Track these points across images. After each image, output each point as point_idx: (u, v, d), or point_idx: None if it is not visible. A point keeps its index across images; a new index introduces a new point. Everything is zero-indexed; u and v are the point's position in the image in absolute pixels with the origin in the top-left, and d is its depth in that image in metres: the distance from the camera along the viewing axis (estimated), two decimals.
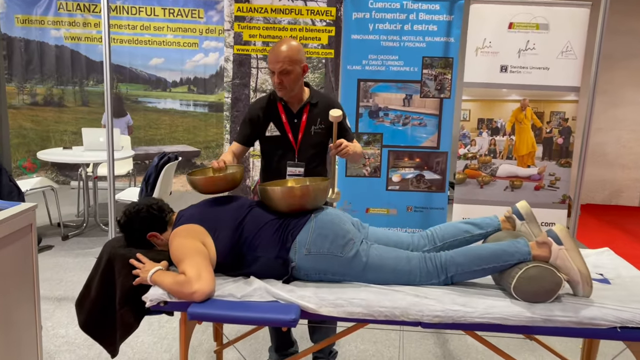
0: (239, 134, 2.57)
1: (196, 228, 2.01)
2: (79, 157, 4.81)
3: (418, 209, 4.04)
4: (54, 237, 4.82)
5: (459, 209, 4.01)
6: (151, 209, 2.10)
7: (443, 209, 4.04)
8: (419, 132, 3.96)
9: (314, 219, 2.03)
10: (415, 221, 4.05)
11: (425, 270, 1.97)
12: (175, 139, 6.73)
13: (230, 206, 2.11)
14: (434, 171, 4.01)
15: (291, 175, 2.49)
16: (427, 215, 4.03)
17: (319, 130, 2.51)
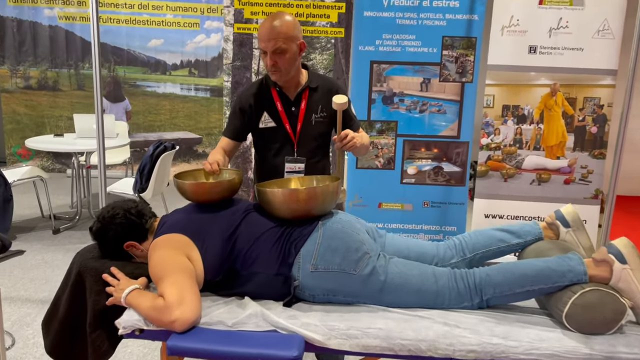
0: (228, 127, 2.24)
1: (180, 238, 1.68)
2: (71, 145, 4.50)
3: (435, 204, 3.70)
4: (45, 230, 4.52)
5: (480, 204, 3.66)
6: (129, 214, 1.77)
7: (463, 204, 3.69)
8: (437, 119, 3.61)
9: (322, 228, 1.69)
10: (432, 217, 3.71)
11: (455, 291, 1.63)
12: (176, 125, 6.40)
13: (223, 212, 1.78)
14: (453, 163, 3.66)
15: (290, 172, 2.15)
16: (446, 211, 3.69)
17: (320, 119, 2.17)
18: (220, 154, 2.12)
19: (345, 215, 1.81)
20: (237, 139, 2.21)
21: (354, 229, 1.71)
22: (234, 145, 2.23)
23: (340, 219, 1.75)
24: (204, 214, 1.77)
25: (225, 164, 2.08)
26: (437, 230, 3.70)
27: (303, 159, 2.16)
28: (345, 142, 1.97)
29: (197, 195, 1.81)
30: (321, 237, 1.66)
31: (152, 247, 1.67)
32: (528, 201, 3.63)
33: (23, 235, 4.42)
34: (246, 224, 1.74)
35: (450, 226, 3.70)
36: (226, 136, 2.22)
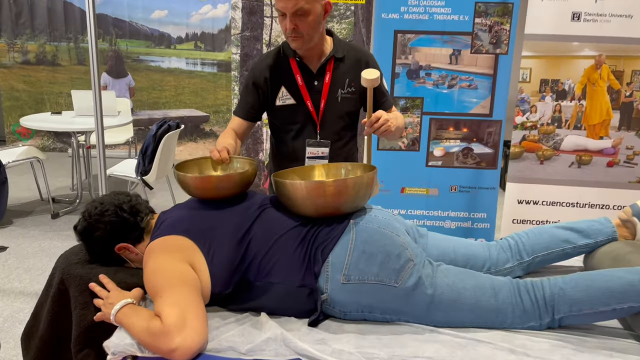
0: (240, 105, 1.92)
1: (181, 241, 1.38)
2: (69, 124, 4.21)
3: (464, 188, 3.37)
4: (43, 215, 4.26)
5: (513, 189, 3.35)
6: (120, 211, 1.47)
7: (494, 188, 3.37)
8: (468, 95, 3.26)
9: (354, 228, 1.39)
10: (460, 203, 3.40)
11: (520, 307, 1.33)
12: (181, 102, 6.07)
13: (233, 208, 1.48)
14: (484, 144, 3.32)
15: (312, 157, 1.84)
16: (475, 196, 3.37)
17: (347, 94, 1.85)
18: (230, 137, 1.82)
19: (380, 211, 1.50)
20: (250, 118, 1.90)
21: (392, 229, 1.41)
22: (247, 126, 1.92)
23: (375, 217, 1.44)
24: (211, 210, 1.47)
25: (236, 150, 1.77)
26: (465, 217, 3.39)
27: (327, 142, 1.85)
28: (377, 127, 1.65)
29: (202, 191, 1.51)
30: (354, 240, 1.36)
31: (147, 252, 1.38)
32: (566, 185, 3.31)
33: (20, 219, 4.15)
34: (261, 223, 1.43)
35: (480, 213, 3.39)
36: (238, 116, 1.91)
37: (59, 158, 5.97)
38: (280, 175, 1.60)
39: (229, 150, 1.66)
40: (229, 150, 1.67)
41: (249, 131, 1.96)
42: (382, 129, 1.66)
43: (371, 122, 1.65)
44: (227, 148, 1.66)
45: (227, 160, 1.63)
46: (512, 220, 3.36)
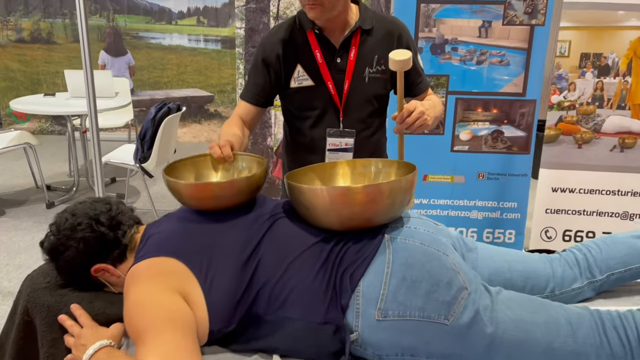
0: (248, 87, 1.62)
1: (172, 266, 1.09)
2: (62, 106, 3.92)
3: (493, 175, 3.06)
4: (38, 204, 4.00)
5: (547, 176, 3.04)
6: (97, 224, 1.18)
7: (526, 175, 3.06)
8: (499, 72, 2.93)
9: (391, 246, 1.09)
10: (488, 192, 3.09)
11: (607, 350, 1.04)
12: (184, 81, 5.75)
13: (236, 220, 1.19)
14: (516, 126, 3.00)
15: (334, 150, 1.54)
16: (505, 184, 3.06)
17: (376, 74, 1.55)
18: (236, 126, 1.52)
19: (420, 221, 1.20)
20: (259, 103, 1.61)
21: (439, 245, 1.11)
22: (256, 113, 1.62)
23: (416, 230, 1.14)
24: (209, 224, 1.18)
25: (242, 143, 1.47)
26: (493, 207, 3.09)
27: (352, 131, 1.55)
28: (410, 122, 1.34)
29: (198, 201, 1.22)
30: (391, 263, 1.07)
31: (128, 280, 1.09)
32: (607, 172, 3.00)
33: (13, 209, 3.89)
34: (272, 240, 1.14)
35: (510, 202, 3.08)
36: (245, 100, 1.62)
37: (57, 142, 5.70)
38: (294, 177, 1.30)
39: (233, 145, 1.36)
40: (233, 145, 1.37)
41: (258, 118, 1.66)
42: (417, 124, 1.36)
43: (402, 116, 1.34)
44: (230, 142, 1.36)
45: (230, 159, 1.34)
46: (546, 210, 3.06)
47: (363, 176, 1.33)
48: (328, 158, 1.58)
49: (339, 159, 1.58)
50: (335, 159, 1.57)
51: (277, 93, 1.63)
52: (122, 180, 4.43)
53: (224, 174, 1.37)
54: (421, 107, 1.36)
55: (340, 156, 1.57)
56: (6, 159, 4.94)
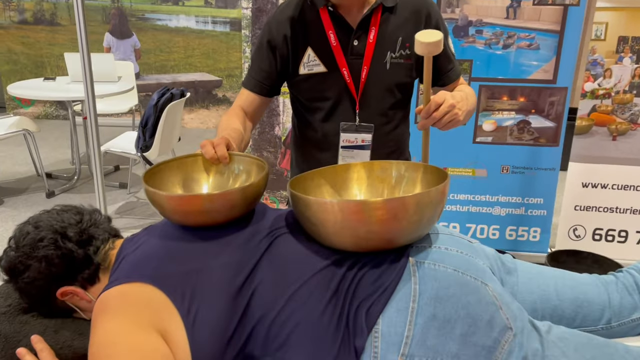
0: (251, 74, 1.42)
1: (148, 294, 0.90)
2: (62, 91, 3.74)
3: (518, 169, 2.84)
4: (38, 193, 3.84)
5: (577, 170, 2.81)
6: (63, 239, 0.99)
7: (554, 169, 2.82)
8: (527, 57, 2.70)
9: (417, 273, 0.89)
10: (513, 187, 2.87)
11: None
12: (192, 65, 5.54)
13: (229, 238, 0.99)
14: (545, 116, 2.76)
15: (348, 147, 1.34)
16: (531, 178, 2.84)
17: (400, 59, 1.34)
18: (237, 119, 1.32)
19: (451, 238, 0.99)
20: (264, 92, 1.41)
21: (475, 271, 0.90)
22: (260, 103, 1.43)
23: (446, 252, 0.94)
24: (195, 242, 0.99)
25: (242, 141, 1.27)
26: (517, 203, 2.87)
27: (370, 126, 1.34)
28: (438, 117, 1.13)
29: (184, 215, 1.02)
30: (417, 296, 0.86)
31: (96, 310, 0.90)
32: None
33: (12, 199, 3.74)
34: (271, 264, 0.94)
35: (536, 198, 2.86)
36: (248, 88, 1.42)
37: (61, 127, 5.53)
38: (300, 183, 1.09)
39: (229, 144, 1.16)
40: (230, 144, 1.16)
41: (263, 109, 1.46)
42: (445, 119, 1.15)
43: (429, 110, 1.13)
44: (226, 140, 1.16)
45: (226, 160, 1.13)
46: (575, 207, 2.83)
47: (382, 182, 1.12)
48: (341, 156, 1.38)
49: (354, 158, 1.37)
50: (350, 157, 1.36)
51: (285, 80, 1.42)
52: (126, 169, 4.25)
53: (217, 180, 1.17)
54: (451, 100, 1.15)
55: (355, 154, 1.36)
56: (8, 144, 4.79)
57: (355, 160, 1.36)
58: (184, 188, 1.16)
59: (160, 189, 1.10)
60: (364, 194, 1.12)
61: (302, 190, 1.07)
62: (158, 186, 1.11)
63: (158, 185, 1.11)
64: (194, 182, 1.17)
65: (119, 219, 3.45)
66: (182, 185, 1.16)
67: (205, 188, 1.17)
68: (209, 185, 1.17)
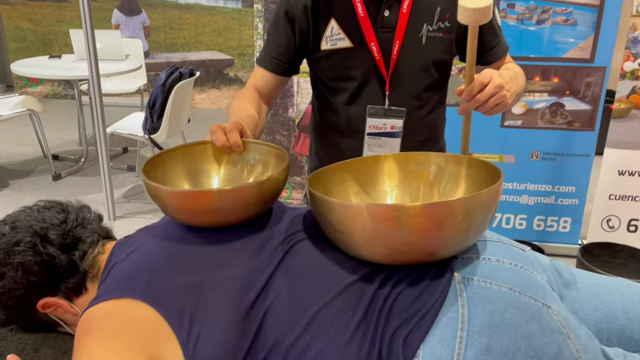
0: (266, 50, 1.27)
1: (139, 314, 0.76)
2: (66, 70, 3.59)
3: (548, 155, 2.65)
4: (44, 175, 3.72)
5: (613, 156, 2.61)
6: (43, 243, 0.85)
7: (588, 156, 2.63)
8: (563, 34, 2.49)
9: (464, 293, 0.73)
10: (542, 174, 2.69)
11: None
12: (202, 43, 5.36)
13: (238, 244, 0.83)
14: (580, 98, 2.56)
15: (374, 134, 1.18)
16: (562, 165, 2.65)
17: (438, 32, 1.18)
18: (250, 102, 1.16)
19: (500, 246, 0.83)
20: (281, 71, 1.25)
21: (535, 289, 0.75)
22: (277, 83, 1.27)
23: (498, 265, 0.78)
24: (199, 248, 0.83)
25: (256, 127, 1.11)
26: (547, 192, 2.69)
27: (401, 110, 1.18)
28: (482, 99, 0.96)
29: (188, 214, 0.87)
30: (467, 322, 0.71)
31: (80, 329, 0.76)
32: None
33: (18, 181, 3.62)
34: (288, 277, 0.79)
35: (567, 186, 2.68)
36: (262, 66, 1.26)
37: (70, 106, 5.39)
38: (320, 180, 0.92)
39: (243, 130, 1.00)
40: (244, 130, 1.00)
41: (279, 90, 1.29)
42: (491, 102, 0.98)
43: (472, 91, 0.96)
44: (240, 126, 0.99)
45: (239, 149, 0.97)
46: (609, 196, 2.64)
47: (417, 178, 0.96)
48: (367, 145, 1.21)
49: (382, 147, 1.20)
50: (377, 146, 1.20)
51: (304, 57, 1.26)
52: (135, 151, 4.12)
53: (229, 172, 1.01)
54: (499, 79, 0.98)
55: (383, 143, 1.20)
56: (14, 124, 4.67)
57: (384, 149, 1.19)
58: (191, 181, 1.01)
59: (162, 182, 0.95)
60: (396, 193, 0.96)
61: (323, 188, 0.91)
62: (160, 179, 0.95)
63: (160, 178, 0.96)
64: (202, 174, 1.01)
65: (126, 203, 3.32)
66: (188, 177, 1.01)
67: (215, 181, 1.02)
68: (219, 177, 1.02)
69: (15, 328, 0.90)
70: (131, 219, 3.12)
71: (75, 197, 3.44)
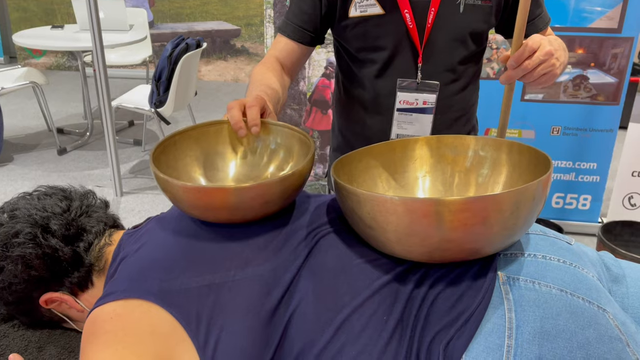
0: (289, 17, 1.17)
1: (151, 317, 0.69)
2: (69, 40, 3.49)
3: (570, 130, 2.55)
4: (49, 150, 3.65)
5: (636, 132, 2.50)
6: (44, 234, 0.78)
7: (612, 130, 2.53)
8: (589, 2, 2.37)
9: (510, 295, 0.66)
10: (564, 149, 2.60)
11: None
12: (208, 13, 5.21)
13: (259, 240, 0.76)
14: (606, 70, 2.45)
15: (405, 110, 1.10)
16: (585, 140, 2.55)
17: (477, 0, 1.07)
18: (273, 74, 1.08)
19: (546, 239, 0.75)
20: (306, 40, 1.15)
21: (588, 290, 0.67)
22: (301, 54, 1.17)
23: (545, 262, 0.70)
24: (216, 244, 0.76)
25: (278, 103, 1.02)
26: (568, 168, 2.60)
27: (434, 84, 1.09)
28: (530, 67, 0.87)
29: (204, 211, 0.79)
30: (514, 329, 0.64)
31: (86, 331, 0.70)
32: None
33: (22, 155, 3.56)
34: (315, 277, 0.72)
35: (589, 162, 2.59)
36: (285, 35, 1.16)
37: (74, 78, 5.29)
38: (345, 167, 0.83)
39: (265, 106, 0.90)
40: (266, 106, 0.91)
41: (303, 61, 1.20)
42: (539, 70, 0.89)
43: (521, 57, 0.87)
44: (262, 101, 0.90)
45: (257, 129, 0.87)
46: (632, 173, 2.54)
47: (452, 164, 0.87)
48: (396, 121, 1.13)
49: (412, 123, 1.11)
50: (408, 122, 1.11)
51: (330, 26, 1.16)
52: (141, 124, 4.03)
53: (248, 157, 0.93)
54: (548, 46, 0.89)
55: (414, 119, 1.11)
56: (18, 97, 4.58)
57: (414, 126, 1.11)
58: (205, 166, 0.93)
59: (174, 167, 0.87)
60: (429, 180, 0.88)
61: (348, 175, 0.83)
62: (172, 164, 0.87)
63: (172, 163, 0.87)
64: (218, 157, 0.93)
65: (132, 178, 3.25)
66: (202, 162, 0.93)
67: (232, 167, 0.93)
68: (236, 162, 0.93)
69: (18, 324, 0.84)
70: (138, 195, 3.06)
71: (81, 172, 3.39)
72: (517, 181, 0.82)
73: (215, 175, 0.92)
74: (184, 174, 0.89)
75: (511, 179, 0.82)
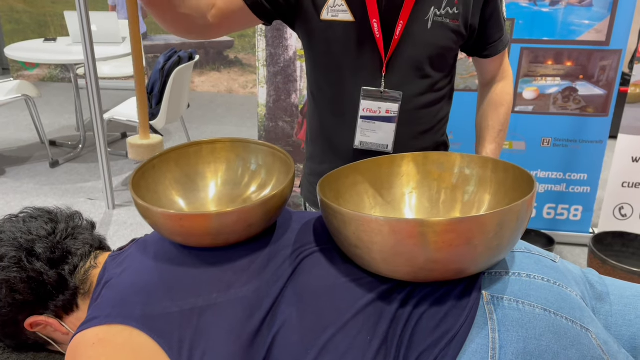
0: None
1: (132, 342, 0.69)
2: (61, 53, 3.49)
3: (560, 142, 2.57)
4: (42, 162, 3.64)
5: (626, 143, 2.53)
6: (29, 257, 0.77)
7: (602, 142, 2.55)
8: (578, 15, 2.39)
9: (495, 315, 0.66)
10: (554, 161, 2.62)
11: None
12: None
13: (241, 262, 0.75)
14: (594, 82, 2.47)
15: (368, 119, 1.11)
16: (574, 152, 2.57)
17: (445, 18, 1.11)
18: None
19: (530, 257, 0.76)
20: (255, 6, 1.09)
21: (572, 310, 0.68)
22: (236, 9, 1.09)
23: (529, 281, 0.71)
24: (198, 269, 0.75)
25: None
26: (558, 179, 2.62)
27: (397, 94, 1.09)
28: None
29: (186, 237, 0.79)
30: (498, 349, 0.64)
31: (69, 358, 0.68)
32: None
33: (14, 168, 3.55)
34: (298, 298, 0.72)
35: (579, 173, 2.60)
36: None
37: (67, 90, 5.29)
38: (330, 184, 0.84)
39: None
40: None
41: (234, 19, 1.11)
42: None
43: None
44: None
45: None
46: (622, 184, 2.56)
47: (438, 180, 0.88)
48: (360, 128, 1.13)
49: (375, 131, 1.11)
50: (371, 130, 1.11)
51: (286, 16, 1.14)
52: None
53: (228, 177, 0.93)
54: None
55: (377, 127, 1.11)
56: (11, 109, 4.58)
57: (377, 134, 1.11)
58: (186, 188, 0.93)
59: (154, 191, 0.86)
60: (415, 197, 0.88)
61: (334, 193, 0.83)
62: (152, 188, 0.87)
63: (152, 187, 0.87)
64: (198, 178, 0.93)
65: (125, 191, 3.25)
66: (183, 184, 0.93)
67: (212, 187, 0.94)
68: (217, 182, 0.94)
69: (3, 346, 0.83)
70: (131, 207, 3.05)
71: (73, 184, 3.37)
72: (503, 199, 0.82)
73: (197, 196, 0.92)
74: (164, 197, 0.89)
75: (497, 196, 0.83)
